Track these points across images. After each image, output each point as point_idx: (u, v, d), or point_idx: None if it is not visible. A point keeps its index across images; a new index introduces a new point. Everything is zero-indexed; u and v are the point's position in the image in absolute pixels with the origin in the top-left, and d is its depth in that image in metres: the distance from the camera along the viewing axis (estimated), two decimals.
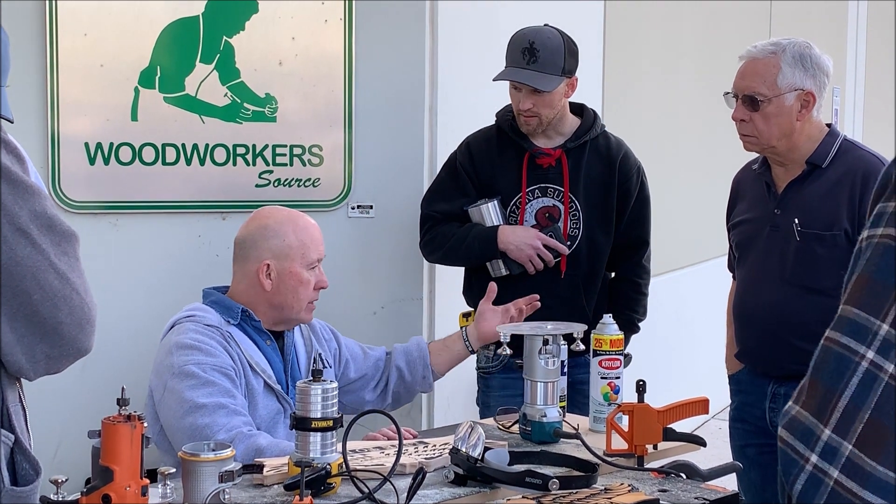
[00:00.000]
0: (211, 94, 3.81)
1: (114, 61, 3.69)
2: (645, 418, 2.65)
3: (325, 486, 2.29)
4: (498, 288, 3.52)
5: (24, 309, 1.57)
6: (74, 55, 3.64)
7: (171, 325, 2.90)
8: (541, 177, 3.59)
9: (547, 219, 3.58)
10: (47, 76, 3.61)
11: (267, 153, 3.89)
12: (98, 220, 3.73)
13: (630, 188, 3.63)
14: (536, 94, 3.48)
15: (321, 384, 2.32)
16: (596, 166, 3.60)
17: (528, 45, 3.49)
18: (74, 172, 3.68)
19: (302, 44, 3.91)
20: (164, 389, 2.78)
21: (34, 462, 1.66)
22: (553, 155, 3.57)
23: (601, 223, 3.60)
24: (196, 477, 2.16)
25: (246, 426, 2.72)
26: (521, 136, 3.60)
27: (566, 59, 3.51)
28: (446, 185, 3.70)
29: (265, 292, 2.94)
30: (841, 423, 1.10)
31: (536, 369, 2.82)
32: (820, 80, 3.13)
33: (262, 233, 2.98)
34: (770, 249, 3.19)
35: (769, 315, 3.18)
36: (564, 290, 3.55)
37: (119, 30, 3.69)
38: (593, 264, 3.61)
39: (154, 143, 3.76)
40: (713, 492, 2.42)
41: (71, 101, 3.65)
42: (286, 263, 2.94)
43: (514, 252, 3.50)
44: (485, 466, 2.41)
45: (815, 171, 3.14)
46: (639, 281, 3.69)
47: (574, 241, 3.57)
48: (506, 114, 3.65)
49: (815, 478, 1.12)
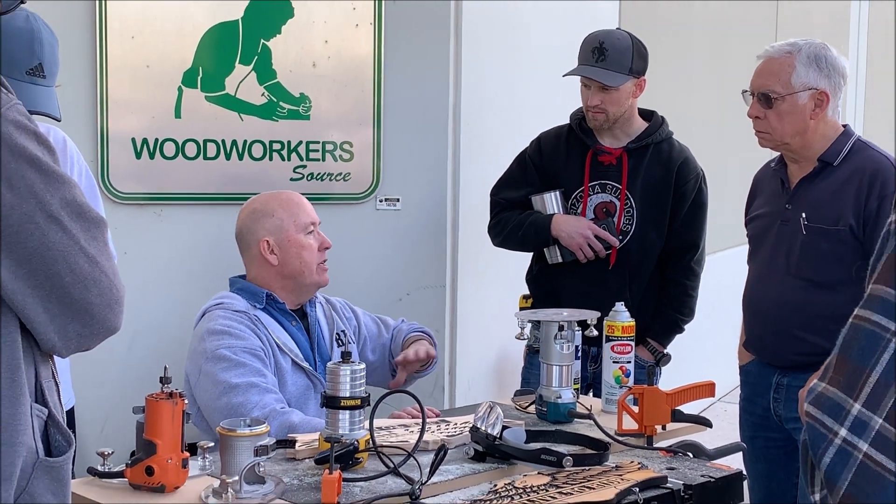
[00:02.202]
0: (249, 94, 3.82)
1: (159, 63, 3.71)
2: (654, 400, 2.66)
3: (353, 461, 2.30)
4: (549, 274, 3.62)
5: (56, 291, 1.57)
6: (122, 57, 3.66)
7: (202, 313, 2.92)
8: (602, 173, 3.59)
9: (604, 213, 3.58)
10: (97, 76, 3.63)
11: (301, 149, 3.90)
12: (143, 211, 3.75)
13: (686, 193, 3.60)
14: (604, 90, 3.49)
15: (350, 366, 2.33)
16: (655, 169, 3.58)
17: (598, 45, 3.50)
18: (122, 166, 3.70)
19: (334, 47, 3.91)
20: (199, 373, 2.80)
21: (66, 434, 1.67)
22: (615, 154, 3.57)
23: (654, 223, 3.57)
24: (233, 451, 2.18)
25: (278, 403, 2.73)
26: (588, 134, 3.60)
27: (634, 60, 3.51)
28: (515, 176, 3.71)
29: (274, 267, 2.96)
30: (871, 398, 1.09)
31: (552, 353, 2.84)
32: (835, 80, 3.10)
33: (252, 217, 3.01)
34: (779, 243, 3.18)
35: (774, 306, 3.17)
36: (612, 282, 3.53)
37: (164, 33, 3.71)
38: (642, 260, 3.59)
39: (196, 139, 3.78)
40: (718, 470, 2.43)
41: (119, 100, 3.67)
42: (282, 234, 2.96)
43: (565, 239, 3.50)
44: (503, 444, 2.42)
45: (827, 168, 3.12)
46: (686, 283, 3.65)
47: (626, 236, 3.56)
48: (577, 113, 3.65)
49: (844, 451, 1.10)
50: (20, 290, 1.55)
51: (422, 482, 2.21)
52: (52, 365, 1.68)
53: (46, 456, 1.61)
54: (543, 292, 3.66)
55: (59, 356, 1.68)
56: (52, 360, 1.69)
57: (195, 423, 2.76)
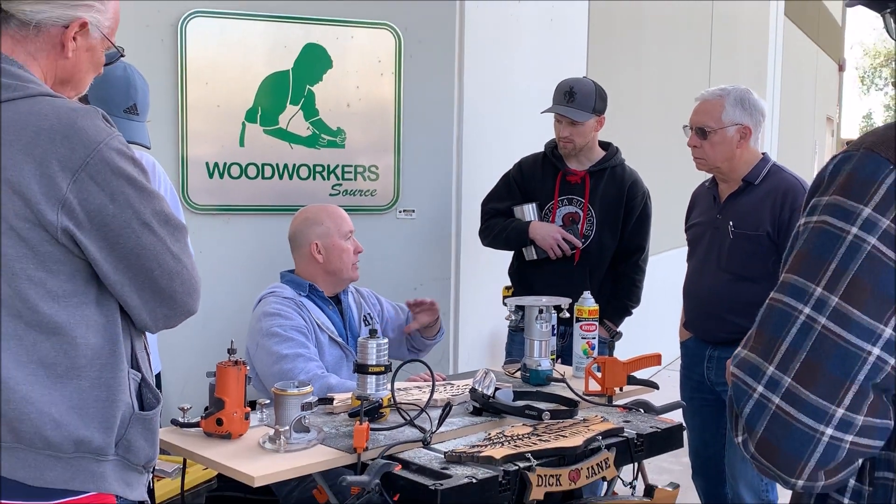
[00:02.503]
0: (297, 128, 3.82)
1: (227, 103, 3.71)
2: (613, 368, 2.67)
3: (378, 415, 2.31)
4: (527, 269, 3.60)
5: (148, 282, 1.57)
6: (198, 98, 3.67)
7: (259, 299, 2.92)
8: (569, 190, 3.57)
9: (570, 221, 3.57)
10: (178, 114, 3.64)
11: (337, 171, 3.90)
12: (214, 219, 3.75)
13: (634, 207, 3.57)
14: (573, 125, 3.48)
15: (376, 340, 2.34)
16: (611, 187, 3.56)
17: (569, 89, 3.49)
18: (198, 184, 3.70)
19: (364, 91, 3.91)
20: (256, 347, 2.80)
21: (155, 393, 1.67)
22: (579, 175, 3.55)
23: (610, 229, 3.55)
24: (284, 406, 2.19)
25: (319, 369, 2.73)
26: (559, 159, 3.58)
27: (596, 101, 3.50)
28: (501, 191, 3.70)
29: (320, 264, 2.95)
30: (782, 363, 1.08)
31: (534, 331, 2.84)
32: (756, 117, 3.10)
33: (305, 224, 3.00)
34: (711, 245, 3.17)
35: (708, 295, 3.16)
36: (576, 275, 3.51)
37: (230, 80, 3.71)
38: (600, 258, 3.56)
39: (255, 163, 3.78)
40: (664, 423, 2.45)
41: (195, 133, 3.68)
42: (328, 240, 2.95)
43: (540, 241, 3.49)
44: (495, 402, 2.43)
45: (749, 186, 3.11)
46: (635, 277, 3.62)
47: (587, 239, 3.54)
48: (550, 143, 3.65)
49: (760, 404, 1.09)
50: (120, 281, 1.56)
51: (432, 431, 2.23)
52: (143, 339, 1.69)
53: (140, 410, 1.62)
54: (522, 283, 3.64)
55: (150, 332, 1.68)
56: (144, 336, 1.69)
57: (254, 385, 2.77)
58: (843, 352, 1.05)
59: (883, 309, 1.05)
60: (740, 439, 1.12)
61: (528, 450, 2.11)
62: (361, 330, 3.01)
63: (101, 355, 1.55)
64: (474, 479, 1.99)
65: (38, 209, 1.47)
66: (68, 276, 1.53)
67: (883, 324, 1.05)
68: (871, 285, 1.05)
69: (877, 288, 1.05)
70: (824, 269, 1.07)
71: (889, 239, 1.05)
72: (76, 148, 1.48)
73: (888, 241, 1.05)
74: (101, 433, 1.55)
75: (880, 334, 1.05)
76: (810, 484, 1.09)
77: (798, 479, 1.09)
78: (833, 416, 1.05)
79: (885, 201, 1.05)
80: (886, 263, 1.05)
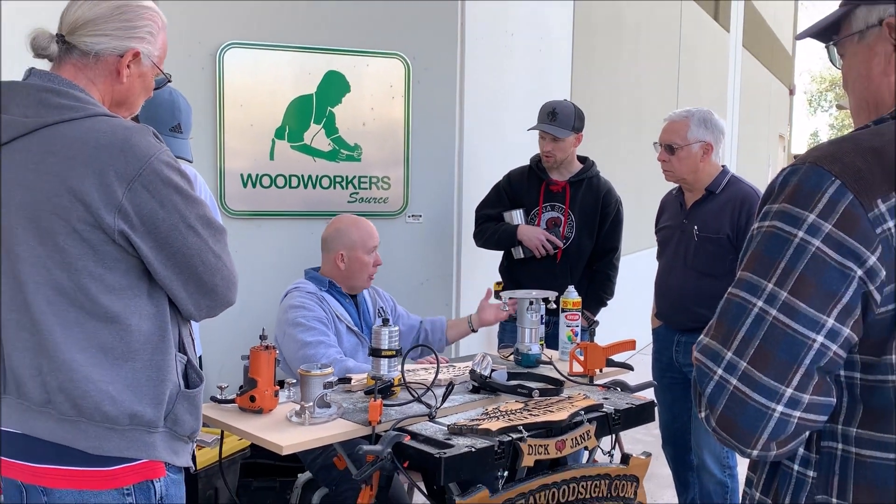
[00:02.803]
0: (320, 144, 3.82)
1: (258, 123, 3.71)
2: (594, 352, 2.67)
3: (390, 392, 2.32)
4: (515, 266, 3.59)
5: (193, 277, 1.57)
6: (234, 119, 3.67)
7: (286, 293, 2.91)
8: (551, 197, 3.57)
9: (553, 224, 3.57)
10: (217, 132, 3.64)
11: (354, 181, 3.89)
12: (248, 223, 3.75)
13: (608, 213, 3.58)
14: (555, 141, 3.49)
15: (388, 328, 2.33)
16: (588, 196, 3.56)
17: (552, 110, 3.51)
18: (234, 193, 3.70)
19: (377, 112, 3.91)
20: (283, 335, 2.80)
21: (199, 373, 1.66)
22: (561, 184, 3.56)
23: (587, 232, 3.55)
24: (308, 385, 2.20)
25: (338, 354, 2.73)
26: (543, 171, 3.59)
27: (575, 121, 3.51)
28: (492, 199, 3.70)
29: (341, 272, 2.94)
30: (739, 349, 1.08)
31: (525, 320, 2.83)
32: (717, 135, 3.10)
33: (337, 233, 2.98)
34: (679, 246, 3.17)
35: (676, 289, 3.16)
36: (558, 272, 3.52)
37: (262, 103, 3.71)
38: (579, 257, 3.56)
39: (283, 174, 3.78)
40: (638, 400, 2.44)
41: (232, 148, 3.68)
42: (353, 252, 2.93)
43: (526, 241, 3.50)
44: (491, 381, 2.43)
45: (711, 195, 3.11)
46: (609, 273, 3.62)
47: (568, 240, 3.54)
48: (535, 157, 3.66)
49: (720, 385, 1.09)
50: (168, 276, 1.56)
51: (436, 407, 2.23)
52: (189, 327, 1.69)
53: (185, 388, 1.62)
54: (511, 279, 3.64)
55: (194, 321, 1.68)
56: (189, 323, 1.70)
57: (282, 368, 2.76)
58: (791, 339, 1.06)
59: (826, 302, 1.05)
60: (703, 415, 1.13)
61: (520, 423, 2.12)
62: (375, 321, 3.01)
63: (152, 341, 1.56)
64: (473, 448, 1.99)
65: (97, 214, 1.48)
66: (124, 272, 1.53)
67: (826, 315, 1.05)
68: (816, 282, 1.05)
69: (820, 284, 1.05)
70: (775, 268, 1.08)
71: (831, 241, 1.05)
72: (130, 161, 1.49)
73: (830, 244, 1.05)
74: (152, 408, 1.55)
75: (824, 324, 1.05)
76: (764, 453, 1.10)
77: (753, 449, 1.09)
78: (783, 395, 1.06)
79: (828, 209, 1.05)
80: (829, 263, 1.05)
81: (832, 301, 1.05)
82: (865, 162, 1.05)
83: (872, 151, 1.07)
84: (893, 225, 1.03)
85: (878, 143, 1.08)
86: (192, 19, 3.56)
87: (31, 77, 1.57)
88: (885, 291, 1.04)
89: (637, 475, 2.33)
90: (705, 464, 3.13)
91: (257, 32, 3.69)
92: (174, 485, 1.62)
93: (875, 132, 1.11)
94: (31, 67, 1.59)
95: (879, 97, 1.17)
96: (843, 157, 1.07)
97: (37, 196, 1.49)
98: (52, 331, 1.50)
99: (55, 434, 1.52)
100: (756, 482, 1.22)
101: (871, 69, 1.18)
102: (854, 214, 1.04)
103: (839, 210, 1.04)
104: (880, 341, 1.06)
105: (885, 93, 1.17)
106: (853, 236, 1.04)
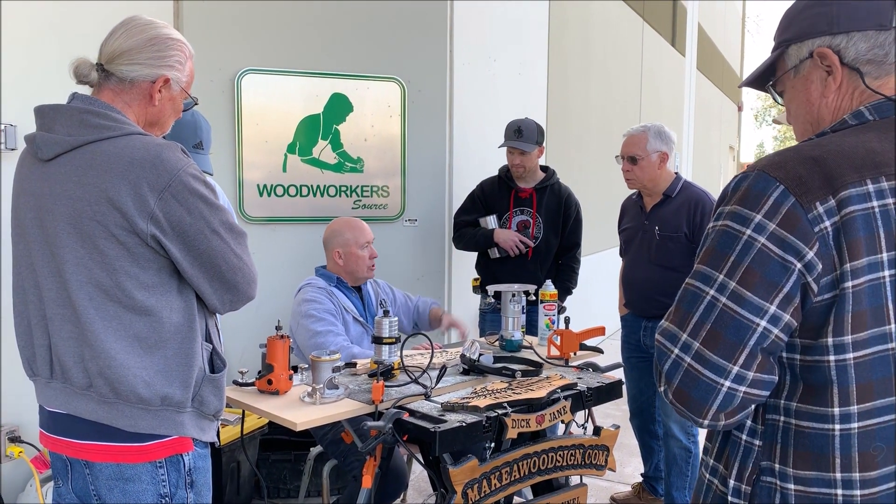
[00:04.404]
0: (327, 157, 3.81)
1: (272, 139, 3.70)
2: (569, 337, 2.68)
3: (391, 375, 2.32)
4: (493, 264, 3.60)
5: (217, 276, 1.57)
6: (251, 135, 3.65)
7: (299, 289, 2.90)
8: (520, 203, 3.59)
9: (523, 227, 3.59)
10: (235, 147, 3.62)
11: (357, 190, 3.89)
12: (264, 227, 3.74)
13: (570, 214, 3.62)
14: (522, 154, 3.52)
15: (389, 318, 2.33)
16: (552, 200, 3.60)
17: (518, 128, 3.55)
18: (251, 201, 3.69)
19: (377, 129, 3.91)
20: (297, 325, 2.78)
21: (223, 359, 1.66)
22: (528, 191, 3.59)
23: (553, 231, 3.58)
24: (319, 370, 2.20)
25: (345, 342, 2.73)
26: (511, 180, 3.62)
27: (538, 136, 3.56)
28: (468, 207, 3.72)
29: (341, 266, 2.93)
30: (693, 331, 1.08)
31: (508, 310, 2.83)
32: (670, 145, 3.12)
33: (332, 234, 2.97)
34: (642, 244, 3.18)
35: (642, 281, 3.18)
36: (530, 267, 3.54)
37: (275, 121, 3.70)
38: (547, 254, 3.59)
39: (295, 184, 3.77)
40: (608, 379, 2.44)
41: (249, 161, 3.67)
42: (348, 249, 2.92)
43: (502, 243, 3.52)
44: (479, 364, 2.43)
45: (668, 199, 3.13)
46: (573, 266, 3.65)
47: (537, 239, 3.57)
48: (504, 168, 3.68)
49: (676, 362, 1.09)
50: (195, 275, 1.56)
51: (431, 387, 2.23)
52: (214, 319, 1.69)
53: (210, 373, 1.62)
54: (487, 275, 3.67)
55: (219, 314, 1.68)
56: (215, 316, 1.69)
57: (296, 354, 2.77)
58: (738, 323, 1.06)
59: (769, 291, 1.06)
60: (662, 388, 1.13)
61: (504, 400, 2.12)
62: (378, 312, 3.02)
63: (181, 331, 1.55)
64: (464, 423, 1.99)
65: (132, 220, 1.48)
66: (156, 271, 1.53)
67: (769, 303, 1.06)
68: (761, 273, 1.06)
69: (765, 275, 1.06)
70: (725, 261, 1.08)
71: (775, 238, 1.05)
72: (161, 174, 1.49)
73: (774, 240, 1.05)
74: (181, 391, 1.55)
75: (767, 310, 1.06)
76: (714, 423, 1.10)
77: (704, 419, 1.10)
78: (730, 372, 1.06)
79: (772, 210, 1.06)
80: (772, 257, 1.06)
81: (775, 290, 1.06)
82: (806, 169, 1.06)
83: (813, 160, 1.08)
84: (830, 224, 1.04)
85: (817, 152, 1.09)
86: (213, 49, 3.55)
87: (73, 101, 1.57)
88: (822, 282, 1.05)
89: (608, 445, 2.34)
90: (672, 431, 3.14)
91: (271, 60, 3.69)
92: (201, 458, 1.62)
93: (816, 143, 1.12)
94: (74, 92, 1.59)
95: (820, 117, 1.19)
96: (787, 165, 1.08)
97: (79, 205, 1.49)
98: (93, 323, 1.50)
99: (96, 414, 1.52)
100: (710, 450, 1.23)
101: (810, 95, 1.19)
102: (795, 215, 1.04)
103: (782, 211, 1.05)
104: (817, 326, 1.07)
105: (825, 112, 1.18)
106: (794, 234, 1.04)
